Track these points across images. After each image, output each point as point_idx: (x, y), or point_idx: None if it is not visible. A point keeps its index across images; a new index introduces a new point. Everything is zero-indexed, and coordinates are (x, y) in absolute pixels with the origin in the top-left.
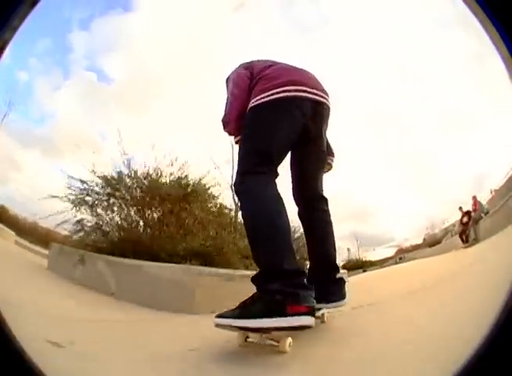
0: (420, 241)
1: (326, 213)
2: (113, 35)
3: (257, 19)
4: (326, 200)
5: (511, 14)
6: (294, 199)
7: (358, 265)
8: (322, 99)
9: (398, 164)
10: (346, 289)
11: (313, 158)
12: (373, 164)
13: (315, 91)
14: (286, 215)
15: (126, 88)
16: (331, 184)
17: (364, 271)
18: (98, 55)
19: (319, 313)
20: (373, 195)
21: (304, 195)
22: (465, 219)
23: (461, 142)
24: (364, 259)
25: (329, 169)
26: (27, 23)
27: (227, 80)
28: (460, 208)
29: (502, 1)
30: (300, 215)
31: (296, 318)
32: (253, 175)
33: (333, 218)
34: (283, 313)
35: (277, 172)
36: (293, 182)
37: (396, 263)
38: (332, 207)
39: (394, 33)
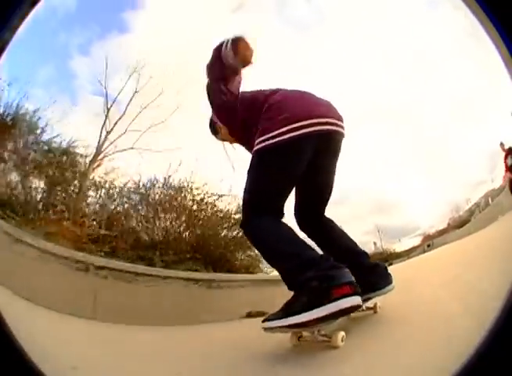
0: (445, 226)
1: (333, 227)
2: (115, 57)
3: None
4: (330, 220)
5: (511, 14)
6: (297, 222)
7: (383, 259)
8: (338, 129)
9: (412, 153)
10: (389, 272)
11: (317, 187)
12: (389, 156)
13: (332, 120)
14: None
15: (136, 107)
16: (351, 181)
17: (390, 264)
18: (102, 78)
19: (369, 304)
20: (392, 186)
21: (308, 220)
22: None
23: (472, 121)
24: (390, 252)
25: None
26: (29, 55)
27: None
28: (502, 145)
29: (502, 1)
30: (308, 235)
31: (343, 300)
32: (259, 216)
33: (356, 215)
34: (328, 299)
35: (283, 212)
36: (295, 205)
37: (424, 251)
38: (355, 204)
39: (391, 23)
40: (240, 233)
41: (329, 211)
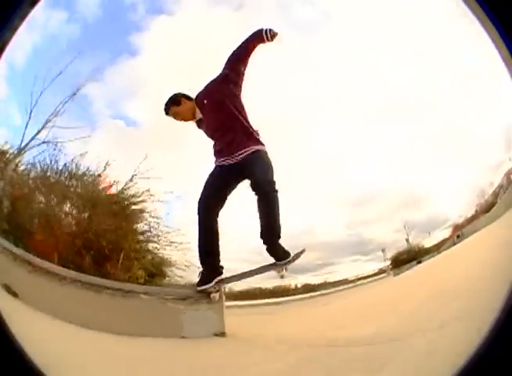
0: (473, 213)
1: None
2: (128, 80)
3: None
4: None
5: (511, 14)
6: None
7: (411, 257)
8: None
9: (431, 143)
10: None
11: None
12: (408, 150)
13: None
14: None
15: (156, 127)
16: (376, 179)
17: (418, 262)
18: (119, 102)
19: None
20: (417, 180)
21: None
22: None
23: (485, 105)
24: (418, 248)
25: None
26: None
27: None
28: None
29: (503, 1)
30: None
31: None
32: None
33: (385, 213)
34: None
35: None
36: None
37: (454, 244)
38: (383, 202)
39: (394, 13)
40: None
41: (358, 211)
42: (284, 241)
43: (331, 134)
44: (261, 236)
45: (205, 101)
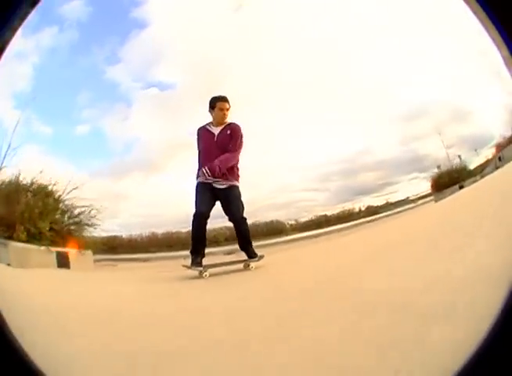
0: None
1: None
2: (147, 49)
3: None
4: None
5: (511, 14)
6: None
7: (453, 180)
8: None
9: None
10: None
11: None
12: (456, 63)
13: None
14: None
15: (191, 85)
16: (426, 94)
17: (461, 187)
18: (145, 72)
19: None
20: (464, 94)
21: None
22: None
23: None
24: (461, 168)
25: None
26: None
27: (239, 133)
28: None
29: (502, 1)
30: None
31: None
32: None
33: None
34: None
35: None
36: None
37: (496, 167)
38: (433, 116)
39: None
40: None
41: (410, 127)
42: (341, 164)
43: (379, 51)
44: (239, 246)
45: (229, 131)
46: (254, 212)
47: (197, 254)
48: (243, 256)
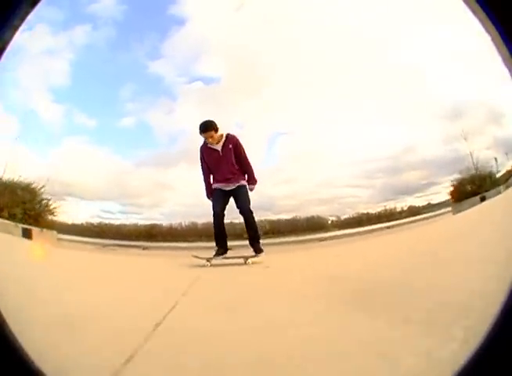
0: None
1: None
2: (188, 46)
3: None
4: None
5: (511, 14)
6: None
7: (475, 190)
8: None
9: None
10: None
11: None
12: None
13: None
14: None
15: (235, 79)
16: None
17: (482, 199)
18: (189, 67)
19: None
20: (500, 95)
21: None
22: None
23: None
24: (484, 177)
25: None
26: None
27: (239, 144)
28: None
29: (503, 1)
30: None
31: (216, 257)
32: None
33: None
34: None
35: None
36: None
37: None
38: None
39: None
40: None
41: (453, 126)
42: (386, 162)
43: (422, 50)
44: (249, 241)
45: (230, 145)
46: (298, 206)
47: (219, 245)
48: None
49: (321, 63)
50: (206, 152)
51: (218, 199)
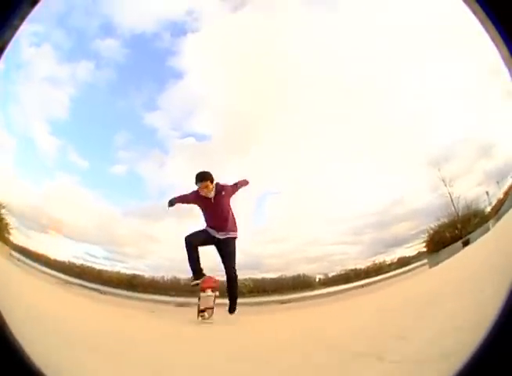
0: None
1: None
2: (184, 100)
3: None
4: None
5: (511, 14)
6: None
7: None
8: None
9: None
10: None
11: None
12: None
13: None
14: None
15: (225, 138)
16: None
17: (465, 244)
18: (182, 122)
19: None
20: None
21: None
22: None
23: None
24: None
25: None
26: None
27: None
28: None
29: (502, 1)
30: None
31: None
32: None
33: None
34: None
35: None
36: None
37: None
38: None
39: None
40: None
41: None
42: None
43: (404, 97)
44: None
45: (223, 192)
46: (286, 265)
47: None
48: None
49: (310, 124)
50: (200, 198)
51: (200, 234)
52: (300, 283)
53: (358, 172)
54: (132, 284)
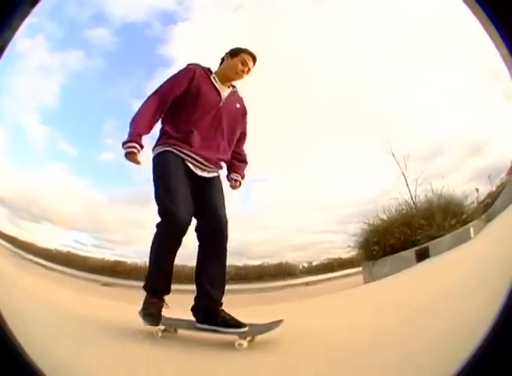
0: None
1: None
2: None
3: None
4: None
5: (511, 14)
6: None
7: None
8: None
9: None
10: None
11: None
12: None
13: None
14: None
15: None
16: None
17: (421, 255)
18: None
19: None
20: (481, 125)
21: None
22: None
23: None
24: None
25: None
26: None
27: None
28: None
29: (502, 1)
30: None
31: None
32: None
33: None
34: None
35: None
36: None
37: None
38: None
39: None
40: None
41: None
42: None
43: (397, 98)
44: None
45: (238, 105)
46: (272, 252)
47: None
48: None
49: (298, 112)
50: (204, 86)
51: (180, 183)
52: (282, 271)
53: (348, 164)
54: (116, 271)
